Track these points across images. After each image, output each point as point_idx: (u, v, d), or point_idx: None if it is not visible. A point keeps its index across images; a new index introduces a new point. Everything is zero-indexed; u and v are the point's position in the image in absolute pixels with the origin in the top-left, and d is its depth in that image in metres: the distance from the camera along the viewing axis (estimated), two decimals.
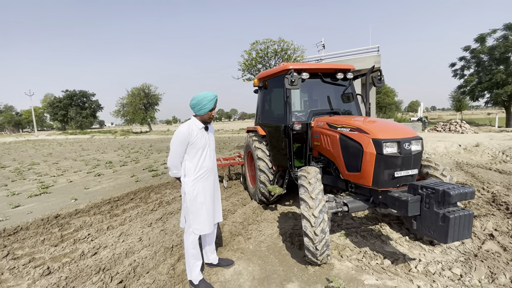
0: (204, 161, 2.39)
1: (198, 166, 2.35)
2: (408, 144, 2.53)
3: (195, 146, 2.31)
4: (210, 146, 2.46)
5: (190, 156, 2.33)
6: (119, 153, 14.51)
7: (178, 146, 2.26)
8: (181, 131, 2.25)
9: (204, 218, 2.40)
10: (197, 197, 2.36)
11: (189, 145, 2.29)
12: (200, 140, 2.34)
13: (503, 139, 10.30)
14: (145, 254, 3.09)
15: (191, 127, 2.31)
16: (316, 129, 3.62)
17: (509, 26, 19.58)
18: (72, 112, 52.40)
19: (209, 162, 2.43)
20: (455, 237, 2.06)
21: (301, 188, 2.68)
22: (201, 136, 2.35)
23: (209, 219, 2.45)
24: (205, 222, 2.41)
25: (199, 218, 2.38)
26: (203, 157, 2.38)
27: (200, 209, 2.38)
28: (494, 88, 20.35)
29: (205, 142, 2.39)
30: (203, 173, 2.39)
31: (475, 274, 2.44)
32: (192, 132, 2.29)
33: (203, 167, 2.39)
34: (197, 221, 2.38)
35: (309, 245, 2.49)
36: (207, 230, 2.43)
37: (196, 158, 2.34)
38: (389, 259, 2.79)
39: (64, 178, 8.04)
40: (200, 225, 2.39)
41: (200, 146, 2.35)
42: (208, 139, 2.45)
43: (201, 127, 2.36)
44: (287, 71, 3.68)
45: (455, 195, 2.00)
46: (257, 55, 10.34)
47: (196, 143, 2.31)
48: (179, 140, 2.25)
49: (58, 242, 3.56)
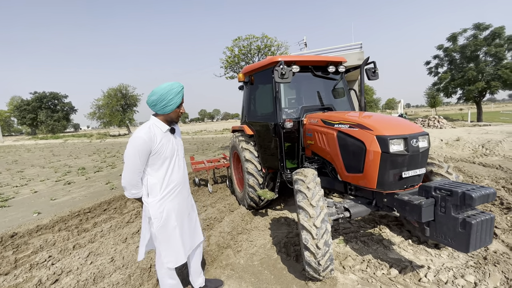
0: (172, 173, 1.86)
1: (165, 181, 1.83)
2: (415, 141, 2.27)
3: (160, 156, 1.77)
4: (178, 153, 1.93)
5: (153, 169, 1.80)
6: (94, 158, 13.51)
7: (137, 158, 1.70)
8: (139, 137, 1.69)
9: (179, 246, 1.88)
10: (168, 221, 1.85)
11: (151, 155, 1.75)
12: (165, 147, 1.80)
13: (480, 133, 10.66)
14: (117, 278, 2.62)
15: (153, 131, 1.76)
16: (309, 127, 3.30)
17: (478, 26, 20.66)
18: (42, 116, 48.96)
19: (179, 174, 1.91)
20: (477, 245, 1.81)
21: (299, 195, 2.34)
22: (166, 142, 1.81)
23: (185, 246, 1.95)
24: (180, 251, 1.90)
25: (172, 247, 1.87)
26: (171, 169, 1.85)
27: (172, 235, 1.86)
28: (466, 85, 21.38)
29: (172, 149, 1.85)
30: (172, 188, 1.87)
31: (490, 281, 2.23)
32: (154, 137, 1.74)
33: (172, 181, 1.86)
34: (170, 251, 1.87)
35: (310, 260, 2.15)
36: (182, 260, 1.92)
37: (162, 171, 1.81)
38: (395, 268, 2.52)
39: (27, 189, 7.19)
40: (174, 256, 1.88)
41: (167, 155, 1.81)
42: (176, 145, 1.91)
43: (165, 130, 1.82)
44: (276, 64, 3.33)
45: (477, 198, 1.74)
46: (239, 52, 9.94)
47: (160, 151, 1.77)
48: (137, 150, 1.69)
49: (10, 269, 2.96)
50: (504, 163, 6.49)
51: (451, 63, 22.84)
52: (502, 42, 19.70)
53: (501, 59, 19.87)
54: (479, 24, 20.63)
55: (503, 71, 19.11)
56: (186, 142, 18.86)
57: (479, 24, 20.61)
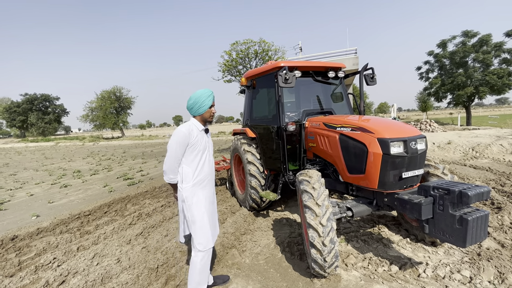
0: (203, 166, 2.17)
1: (197, 171, 2.13)
2: (414, 143, 2.40)
3: (194, 149, 2.10)
4: (209, 150, 2.25)
5: (188, 160, 2.11)
6: (89, 161, 13.35)
7: (178, 147, 2.04)
8: (181, 130, 2.06)
9: (207, 230, 2.13)
10: (198, 205, 2.13)
11: (188, 147, 2.08)
12: (200, 142, 2.13)
13: (469, 137, 11.01)
14: (126, 278, 2.65)
15: (191, 128, 2.12)
16: (311, 130, 3.42)
17: (466, 33, 21.40)
18: (33, 118, 47.89)
19: (209, 167, 2.22)
20: (473, 240, 1.95)
21: (305, 194, 2.44)
22: (200, 138, 2.14)
23: (212, 231, 2.19)
24: (209, 235, 2.14)
25: (202, 230, 2.11)
26: (203, 162, 2.16)
27: (202, 219, 2.12)
28: (456, 90, 22.05)
29: (204, 145, 2.17)
30: (202, 178, 2.17)
31: (484, 276, 2.37)
32: (192, 132, 2.09)
33: (202, 172, 2.16)
34: (200, 233, 2.10)
35: (316, 257, 2.25)
36: (210, 244, 2.15)
37: (195, 162, 2.12)
38: (396, 264, 2.64)
39: (23, 192, 7.09)
40: (204, 238, 2.11)
41: (200, 149, 2.14)
42: (207, 143, 2.24)
43: (201, 129, 2.18)
44: (279, 69, 3.45)
45: (473, 196, 1.88)
46: (237, 56, 10.06)
47: (196, 145, 2.10)
48: (178, 141, 2.04)
49: (15, 271, 2.96)
50: (493, 165, 6.76)
51: (441, 68, 23.53)
52: (489, 49, 20.45)
53: (489, 65, 20.60)
54: (467, 31, 21.38)
55: (491, 77, 19.80)
56: None
57: (467, 32, 21.36)
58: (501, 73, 19.62)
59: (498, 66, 20.44)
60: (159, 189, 6.40)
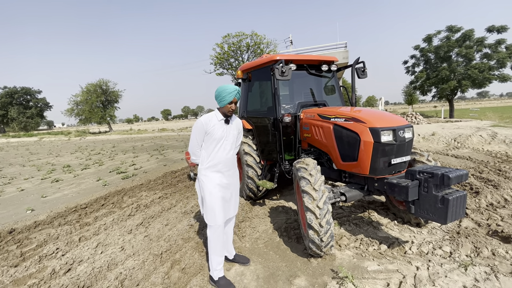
0: (218, 152, 2.37)
1: (211, 156, 2.37)
2: (402, 132, 2.61)
3: (211, 136, 2.34)
4: (228, 139, 2.42)
5: (206, 145, 2.38)
6: (78, 156, 13.10)
7: (196, 134, 2.34)
8: (199, 120, 2.32)
9: (216, 208, 2.36)
10: (209, 185, 2.36)
11: (206, 134, 2.33)
12: (216, 131, 2.34)
13: (452, 128, 11.56)
14: (132, 264, 2.77)
15: (210, 118, 2.36)
16: (306, 121, 3.58)
17: (450, 28, 22.06)
18: (14, 112, 45.95)
19: (223, 154, 2.40)
20: (453, 218, 2.18)
21: (302, 180, 2.61)
22: (218, 128, 2.35)
23: (223, 211, 2.41)
24: (216, 212, 2.36)
25: (210, 207, 2.36)
26: (217, 148, 2.37)
27: (211, 199, 2.35)
28: (440, 83, 22.82)
29: (222, 134, 2.37)
30: (215, 164, 2.38)
31: (462, 250, 2.64)
32: (209, 122, 2.33)
33: (215, 158, 2.37)
34: (208, 210, 2.37)
35: (314, 237, 2.44)
36: (219, 221, 2.37)
37: (210, 148, 2.37)
38: (384, 244, 2.88)
39: (13, 187, 6.96)
40: (211, 215, 2.36)
41: (216, 137, 2.34)
42: (227, 133, 2.42)
43: (220, 119, 2.37)
44: (275, 62, 3.57)
45: (453, 178, 2.10)
46: (229, 49, 10.05)
47: (212, 133, 2.32)
48: (196, 129, 2.33)
49: (18, 262, 3.01)
50: (473, 154, 7.20)
51: (427, 62, 24.22)
52: (472, 44, 21.21)
53: (471, 60, 21.39)
54: (451, 26, 22.03)
55: (472, 71, 20.60)
56: (172, 139, 18.67)
57: (451, 27, 22.01)
58: (482, 68, 20.44)
59: (480, 61, 21.27)
60: (154, 182, 6.45)
